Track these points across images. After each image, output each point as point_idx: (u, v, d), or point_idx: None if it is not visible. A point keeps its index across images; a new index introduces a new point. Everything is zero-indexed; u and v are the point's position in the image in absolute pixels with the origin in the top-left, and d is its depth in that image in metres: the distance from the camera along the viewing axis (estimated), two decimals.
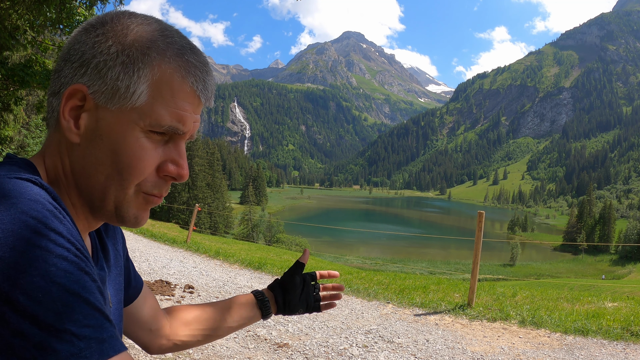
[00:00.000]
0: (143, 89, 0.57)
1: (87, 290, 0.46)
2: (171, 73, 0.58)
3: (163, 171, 0.60)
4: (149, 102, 0.57)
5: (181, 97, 0.58)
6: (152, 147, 0.59)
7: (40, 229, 0.45)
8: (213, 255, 9.22)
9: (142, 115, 0.57)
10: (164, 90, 0.57)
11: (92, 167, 0.59)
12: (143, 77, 0.57)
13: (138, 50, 0.57)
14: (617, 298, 6.38)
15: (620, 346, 4.21)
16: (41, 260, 0.43)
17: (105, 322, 0.46)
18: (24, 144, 19.00)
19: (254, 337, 4.15)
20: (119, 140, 0.57)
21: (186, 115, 0.59)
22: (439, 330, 4.68)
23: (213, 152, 59.39)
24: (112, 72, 0.57)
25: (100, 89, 0.57)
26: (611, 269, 67.20)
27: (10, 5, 6.60)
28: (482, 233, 5.66)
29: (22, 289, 0.41)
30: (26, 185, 0.49)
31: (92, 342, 0.43)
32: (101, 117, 0.58)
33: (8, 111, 12.24)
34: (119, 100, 0.57)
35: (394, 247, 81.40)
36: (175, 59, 0.58)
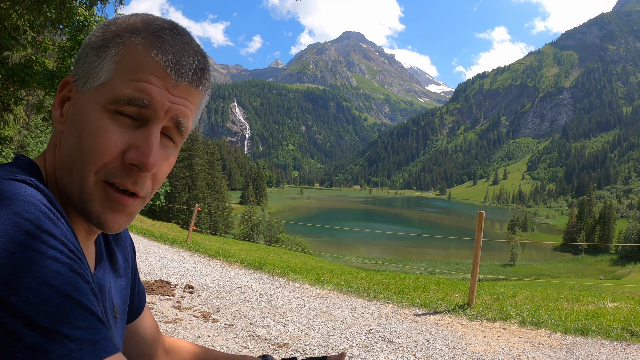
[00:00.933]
0: (108, 66, 0.56)
1: (79, 292, 0.45)
2: (134, 47, 0.56)
3: (127, 158, 0.56)
4: (112, 79, 0.56)
5: (144, 69, 0.55)
6: (116, 130, 0.55)
7: (32, 230, 0.45)
8: (213, 255, 9.21)
9: (104, 92, 0.55)
10: (126, 64, 0.56)
11: (65, 155, 0.58)
12: (109, 55, 0.56)
13: (113, 33, 0.57)
14: (617, 298, 6.39)
15: (620, 346, 4.21)
16: (33, 262, 0.43)
17: (97, 324, 0.46)
18: (24, 144, 18.99)
19: (254, 337, 4.16)
20: (82, 122, 0.56)
21: (149, 86, 0.55)
22: (439, 330, 4.68)
23: (213, 152, 59.42)
24: (88, 57, 0.58)
25: (80, 75, 0.58)
26: (611, 269, 67.21)
27: (10, 5, 6.61)
28: (482, 233, 5.66)
29: (14, 290, 0.41)
30: (20, 186, 0.48)
31: (83, 344, 0.43)
32: (78, 103, 0.58)
33: (8, 111, 12.25)
34: (90, 82, 0.57)
35: (394, 247, 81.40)
36: (145, 35, 0.57)
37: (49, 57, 8.75)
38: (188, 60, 0.58)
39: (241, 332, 4.26)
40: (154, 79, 0.55)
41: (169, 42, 0.57)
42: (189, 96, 0.59)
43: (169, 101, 0.57)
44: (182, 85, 0.57)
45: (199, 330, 4.23)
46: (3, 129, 12.63)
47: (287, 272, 7.45)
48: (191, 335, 4.04)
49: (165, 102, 0.56)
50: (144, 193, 0.59)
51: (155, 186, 0.61)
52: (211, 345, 3.85)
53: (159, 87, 0.56)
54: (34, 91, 12.41)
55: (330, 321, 4.82)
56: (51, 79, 7.53)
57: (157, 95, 0.56)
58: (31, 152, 19.02)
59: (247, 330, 4.33)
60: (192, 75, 0.58)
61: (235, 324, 4.50)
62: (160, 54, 0.56)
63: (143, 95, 0.55)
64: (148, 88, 0.55)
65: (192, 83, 0.59)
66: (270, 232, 54.33)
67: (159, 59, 0.56)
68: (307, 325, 4.64)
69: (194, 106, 0.61)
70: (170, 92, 0.57)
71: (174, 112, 0.58)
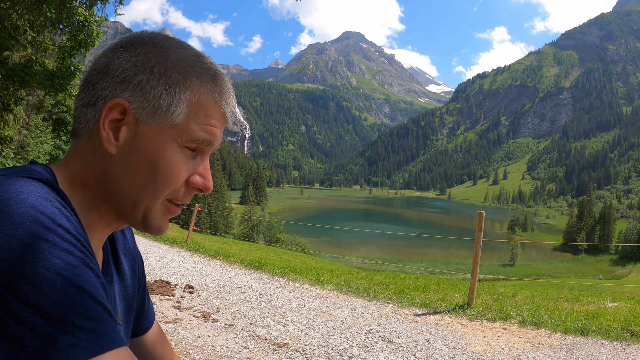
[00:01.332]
0: (182, 108, 0.62)
1: (90, 284, 0.47)
2: (208, 96, 0.64)
3: (191, 183, 0.65)
4: (186, 120, 0.62)
5: (214, 116, 0.65)
6: (184, 162, 0.64)
7: (48, 223, 0.47)
8: (213, 255, 9.22)
9: (179, 132, 0.62)
10: (200, 110, 0.63)
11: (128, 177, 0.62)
12: (183, 98, 0.62)
13: (179, 73, 0.62)
14: (617, 298, 6.38)
15: (620, 346, 4.21)
16: (47, 253, 0.45)
17: (106, 317, 0.48)
18: (24, 144, 18.98)
19: (254, 337, 4.15)
20: (157, 154, 0.62)
21: (216, 130, 0.65)
22: (439, 330, 4.67)
23: (213, 152, 59.30)
24: (155, 90, 0.61)
25: (142, 105, 0.61)
26: (611, 269, 67.19)
27: (10, 5, 6.60)
28: (482, 233, 5.66)
29: (28, 279, 0.43)
30: (37, 183, 0.53)
31: (92, 334, 0.45)
32: (141, 132, 0.62)
33: (8, 111, 12.24)
34: (160, 117, 0.61)
35: (394, 247, 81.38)
36: (211, 83, 0.65)
37: (49, 57, 8.74)
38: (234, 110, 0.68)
39: (241, 332, 4.26)
40: (217, 124, 0.65)
41: (228, 94, 0.67)
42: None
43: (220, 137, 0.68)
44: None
45: (199, 330, 4.23)
46: (3, 129, 12.63)
47: (287, 272, 7.45)
48: (191, 335, 4.04)
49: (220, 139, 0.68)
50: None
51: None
52: (211, 345, 3.85)
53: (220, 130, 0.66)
54: (34, 91, 12.40)
55: (330, 321, 4.82)
56: (51, 79, 7.53)
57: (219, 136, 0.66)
58: (31, 152, 19.01)
59: (247, 330, 4.33)
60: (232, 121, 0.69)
61: (235, 324, 4.50)
62: (226, 105, 0.66)
63: (212, 138, 0.65)
64: (215, 132, 0.65)
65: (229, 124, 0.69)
66: (270, 232, 54.29)
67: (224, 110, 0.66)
68: (307, 325, 4.64)
69: None
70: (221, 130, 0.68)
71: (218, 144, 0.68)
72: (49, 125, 21.85)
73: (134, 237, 0.88)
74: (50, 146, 20.49)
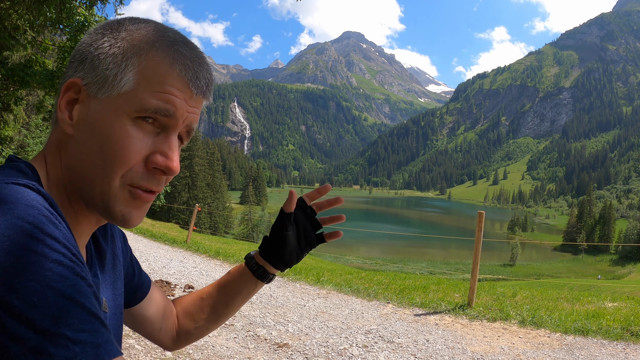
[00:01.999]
0: (130, 76, 0.58)
1: (82, 295, 0.46)
2: (158, 60, 0.59)
3: (151, 163, 0.60)
4: (135, 88, 0.58)
5: (169, 82, 0.59)
6: (140, 137, 0.59)
7: (36, 234, 0.45)
8: (213, 255, 9.22)
9: (127, 100, 0.58)
10: (151, 76, 0.59)
11: (82, 157, 0.60)
12: (130, 65, 0.59)
13: (129, 42, 0.60)
14: (617, 298, 6.39)
15: (620, 346, 4.21)
16: (37, 265, 0.44)
17: (100, 327, 0.46)
18: (24, 144, 18.99)
19: (254, 337, 4.16)
20: (105, 128, 0.58)
21: (174, 98, 0.60)
22: (439, 330, 4.67)
23: (213, 152, 59.37)
24: (103, 63, 0.59)
25: (92, 79, 0.59)
26: (611, 269, 67.23)
27: (10, 5, 6.60)
28: (482, 233, 5.66)
29: (18, 293, 0.42)
30: (23, 190, 0.49)
31: (87, 347, 0.44)
32: (92, 107, 0.59)
33: (8, 111, 12.24)
34: (108, 89, 0.59)
35: (394, 247, 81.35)
36: (165, 49, 0.60)
37: (49, 57, 8.74)
38: (204, 75, 0.63)
39: (241, 332, 4.26)
40: (177, 92, 0.60)
41: (189, 58, 0.61)
42: (200, 105, 0.65)
43: (187, 111, 0.62)
44: (197, 97, 0.63)
45: None
46: (3, 129, 12.63)
47: (287, 272, 7.45)
48: None
49: (185, 112, 0.61)
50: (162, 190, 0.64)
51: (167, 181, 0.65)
52: (211, 345, 3.85)
53: (181, 99, 0.60)
54: (34, 91, 12.40)
55: (330, 321, 4.82)
56: (51, 79, 7.53)
57: (180, 106, 0.60)
58: (31, 152, 19.03)
59: (247, 330, 4.33)
60: (205, 89, 0.64)
61: (235, 323, 4.50)
62: (183, 69, 0.60)
63: (168, 106, 0.59)
64: (173, 100, 0.59)
65: (204, 95, 0.64)
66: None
67: (182, 74, 0.60)
68: (307, 325, 4.64)
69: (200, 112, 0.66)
70: (188, 103, 0.62)
71: (190, 120, 0.63)
72: (48, 125, 21.82)
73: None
74: None
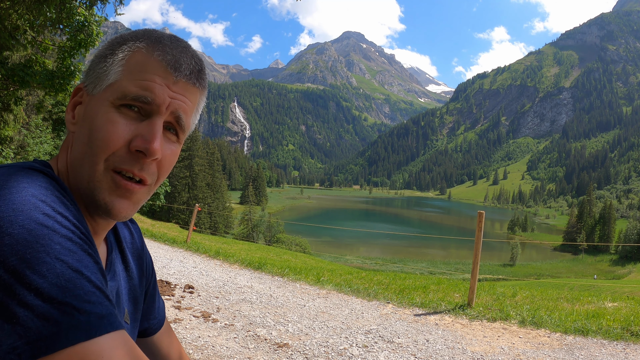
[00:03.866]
0: (116, 69, 0.63)
1: (89, 269, 0.49)
2: (139, 50, 0.63)
3: (133, 146, 0.61)
4: (120, 79, 0.62)
5: (148, 69, 0.62)
6: (123, 122, 0.61)
7: (48, 211, 0.50)
8: (213, 255, 9.21)
9: (112, 91, 0.62)
10: (132, 66, 0.62)
11: (77, 150, 0.63)
12: (117, 59, 0.63)
13: (119, 43, 0.65)
14: (617, 298, 6.38)
15: (620, 346, 4.21)
16: (47, 238, 0.47)
17: (105, 300, 0.49)
18: (24, 144, 18.98)
19: (254, 337, 4.15)
20: (93, 118, 0.62)
21: (153, 85, 0.62)
22: (439, 330, 4.67)
23: (213, 152, 59.36)
24: (98, 65, 0.64)
25: (90, 81, 0.65)
26: (611, 269, 67.22)
27: (10, 5, 6.60)
28: (482, 233, 5.66)
29: (28, 263, 0.45)
30: (37, 174, 0.55)
31: (91, 317, 0.46)
32: (88, 104, 0.64)
33: (8, 111, 12.23)
34: (99, 85, 0.63)
35: (394, 247, 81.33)
36: (147, 41, 0.64)
37: (49, 57, 8.74)
38: (186, 61, 0.64)
39: (241, 332, 4.26)
40: (156, 78, 0.62)
41: (169, 46, 0.64)
42: (187, 93, 0.65)
43: (170, 97, 0.63)
44: (181, 82, 0.64)
45: (199, 330, 4.23)
46: (3, 129, 12.62)
47: (287, 272, 7.45)
48: (191, 335, 4.04)
49: (166, 97, 0.62)
50: (150, 180, 0.64)
51: (161, 175, 0.66)
52: (211, 345, 3.85)
53: (161, 85, 0.62)
54: (34, 91, 12.40)
55: (330, 321, 4.82)
56: (51, 79, 7.53)
57: (159, 92, 0.62)
58: (31, 152, 19.02)
59: (247, 330, 4.33)
60: (190, 74, 0.64)
61: (235, 324, 4.50)
62: (162, 54, 0.63)
63: (147, 92, 0.61)
64: (151, 86, 0.61)
65: (190, 80, 0.65)
66: (270, 232, 54.26)
67: (160, 59, 0.63)
68: (307, 325, 4.64)
69: (192, 104, 0.67)
70: (171, 89, 0.63)
71: (174, 106, 0.64)
72: (49, 125, 21.86)
73: (142, 237, 0.89)
74: (50, 146, 20.50)
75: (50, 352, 0.43)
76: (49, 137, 20.80)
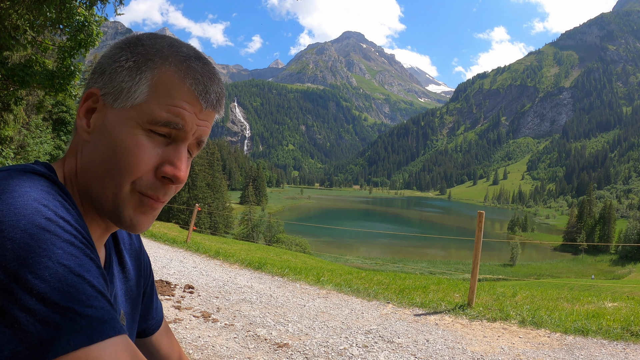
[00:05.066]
0: (143, 89, 0.61)
1: (91, 274, 0.49)
2: (170, 75, 0.62)
3: (160, 172, 0.62)
4: (148, 101, 0.61)
5: (179, 96, 0.62)
6: (150, 146, 0.61)
7: (50, 215, 0.49)
8: (213, 255, 9.21)
9: (140, 113, 0.61)
10: (162, 89, 0.61)
11: (95, 163, 0.62)
12: (144, 78, 0.62)
13: (144, 57, 0.63)
14: (617, 298, 6.38)
15: (620, 346, 4.21)
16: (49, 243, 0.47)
17: (106, 305, 0.49)
18: (24, 144, 18.97)
19: (254, 337, 4.15)
20: (118, 136, 0.61)
21: (183, 112, 0.62)
22: (439, 330, 4.67)
23: (213, 152, 59.39)
24: (120, 75, 0.62)
25: (109, 90, 0.63)
26: (611, 269, 67.21)
27: (10, 5, 6.60)
28: (482, 233, 5.66)
29: (30, 268, 0.45)
30: (39, 178, 0.55)
31: (93, 322, 0.46)
32: (107, 116, 0.62)
33: (8, 111, 12.23)
34: (122, 101, 0.62)
35: (394, 247, 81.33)
36: (177, 63, 0.63)
37: (49, 57, 8.74)
38: (214, 89, 0.65)
39: (241, 332, 4.26)
40: (186, 105, 0.62)
41: (200, 72, 0.63)
42: (210, 119, 0.67)
43: (197, 124, 0.64)
44: (207, 110, 0.65)
45: (199, 330, 4.23)
46: (3, 129, 12.62)
47: (287, 272, 7.45)
48: (191, 335, 4.04)
49: (194, 125, 0.63)
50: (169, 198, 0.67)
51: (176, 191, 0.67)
52: (211, 345, 3.85)
53: (190, 113, 0.62)
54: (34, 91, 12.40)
55: (330, 321, 4.82)
56: (51, 79, 7.53)
57: (189, 120, 0.62)
58: (31, 152, 19.02)
59: (247, 330, 4.33)
60: (216, 103, 0.65)
61: (235, 324, 4.50)
62: (194, 84, 0.62)
63: (178, 120, 0.61)
64: (182, 113, 0.61)
65: (215, 109, 0.66)
66: (270, 232, 54.25)
67: (192, 88, 0.62)
68: (307, 325, 4.64)
69: (211, 126, 0.68)
70: (198, 117, 0.64)
71: (199, 133, 0.65)
72: (49, 125, 21.86)
73: (140, 238, 0.89)
74: (50, 146, 20.50)
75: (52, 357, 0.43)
76: (49, 137, 20.79)
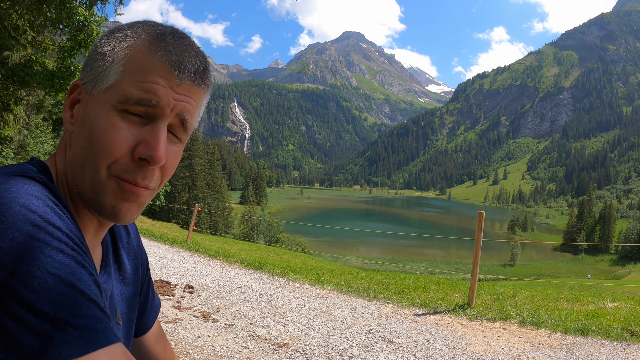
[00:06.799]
0: (116, 69, 0.59)
1: (82, 282, 0.47)
2: (141, 50, 0.59)
3: (137, 154, 0.59)
4: (120, 80, 0.59)
5: (150, 70, 0.59)
6: (125, 127, 0.59)
7: (39, 222, 0.47)
8: (213, 255, 9.21)
9: (113, 93, 0.58)
10: (134, 66, 0.59)
11: (77, 152, 0.60)
12: (117, 59, 0.59)
13: (117, 39, 0.61)
14: (617, 298, 6.38)
15: (620, 346, 4.21)
16: (39, 252, 0.46)
17: (99, 314, 0.47)
18: (24, 144, 18.97)
19: (254, 337, 4.15)
20: (93, 121, 0.59)
21: (156, 87, 0.59)
22: (439, 330, 4.67)
23: (213, 152, 59.35)
24: (96, 61, 0.61)
25: (88, 78, 0.61)
26: (611, 269, 67.19)
27: (10, 5, 6.60)
28: (482, 233, 5.66)
29: (19, 278, 0.44)
30: (28, 182, 0.52)
31: (85, 332, 0.45)
32: (87, 104, 0.61)
33: (8, 111, 12.22)
34: (99, 85, 0.60)
35: (394, 247, 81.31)
36: (149, 39, 0.60)
37: (49, 57, 8.74)
38: (190, 61, 0.61)
39: (241, 332, 4.26)
40: (159, 79, 0.59)
41: (172, 45, 0.60)
42: (192, 94, 0.62)
43: (174, 99, 0.60)
44: (185, 84, 0.61)
45: (199, 330, 4.23)
46: (3, 129, 12.61)
47: (287, 272, 7.45)
48: (191, 335, 4.04)
49: (171, 100, 0.60)
50: (153, 185, 0.62)
51: (164, 178, 0.64)
52: (211, 345, 3.85)
53: (165, 87, 0.59)
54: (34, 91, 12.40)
55: (330, 321, 4.82)
56: (51, 79, 7.53)
57: (163, 94, 0.59)
58: (31, 152, 19.02)
59: (247, 330, 4.33)
60: (194, 75, 0.61)
61: (235, 323, 4.50)
62: (165, 55, 0.59)
63: (150, 95, 0.58)
64: (155, 88, 0.58)
65: (195, 82, 0.62)
66: (270, 232, 54.27)
67: (163, 60, 0.59)
68: (307, 325, 4.64)
69: (196, 104, 0.64)
70: (175, 91, 0.60)
71: (179, 109, 0.61)
72: (49, 125, 21.85)
73: (138, 236, 0.87)
74: (50, 146, 20.50)
75: None
76: (49, 137, 20.79)
